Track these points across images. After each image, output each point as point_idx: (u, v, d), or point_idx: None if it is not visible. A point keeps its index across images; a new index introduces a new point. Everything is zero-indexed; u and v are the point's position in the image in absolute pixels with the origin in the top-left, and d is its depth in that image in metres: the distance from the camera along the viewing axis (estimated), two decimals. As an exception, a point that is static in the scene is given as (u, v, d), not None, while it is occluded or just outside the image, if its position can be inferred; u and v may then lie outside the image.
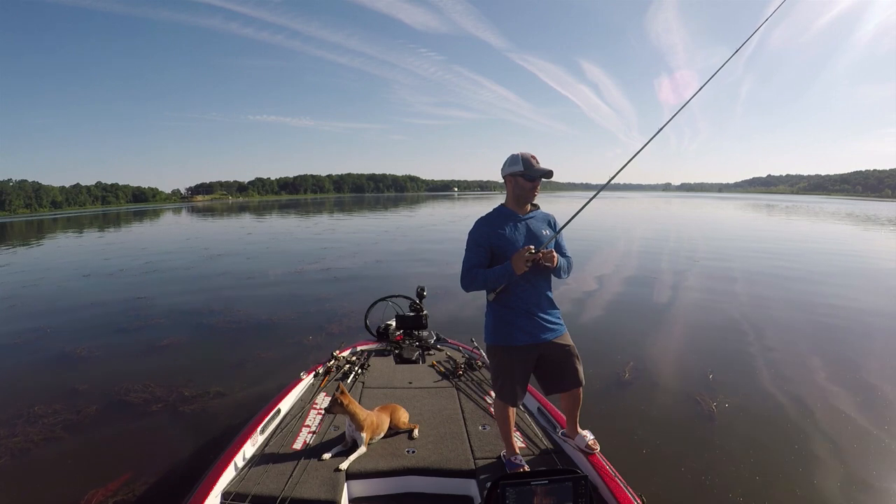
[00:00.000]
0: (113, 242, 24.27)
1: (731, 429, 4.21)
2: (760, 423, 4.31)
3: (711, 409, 4.50)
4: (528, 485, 1.94)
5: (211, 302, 9.22)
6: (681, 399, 4.82)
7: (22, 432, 4.33)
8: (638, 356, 5.89)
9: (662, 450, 3.88)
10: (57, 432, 4.32)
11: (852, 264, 13.79)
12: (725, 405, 4.60)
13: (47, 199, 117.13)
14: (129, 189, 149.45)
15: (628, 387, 5.09)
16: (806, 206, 59.76)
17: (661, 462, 3.71)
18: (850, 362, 5.76)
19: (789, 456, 3.79)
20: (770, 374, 5.38)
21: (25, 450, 4.06)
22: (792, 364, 5.74)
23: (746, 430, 4.18)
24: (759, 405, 4.66)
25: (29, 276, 13.41)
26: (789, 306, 8.63)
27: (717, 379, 5.22)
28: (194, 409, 4.71)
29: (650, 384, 5.16)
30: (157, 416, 4.60)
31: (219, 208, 77.89)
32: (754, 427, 4.25)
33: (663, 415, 4.50)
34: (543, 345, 2.57)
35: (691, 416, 4.47)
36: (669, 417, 4.45)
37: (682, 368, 5.67)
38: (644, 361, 5.76)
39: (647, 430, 4.18)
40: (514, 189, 2.59)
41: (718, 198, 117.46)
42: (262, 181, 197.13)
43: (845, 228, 27.64)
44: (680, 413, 4.55)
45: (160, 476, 3.61)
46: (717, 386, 5.05)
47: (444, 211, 46.67)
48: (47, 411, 4.68)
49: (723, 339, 6.74)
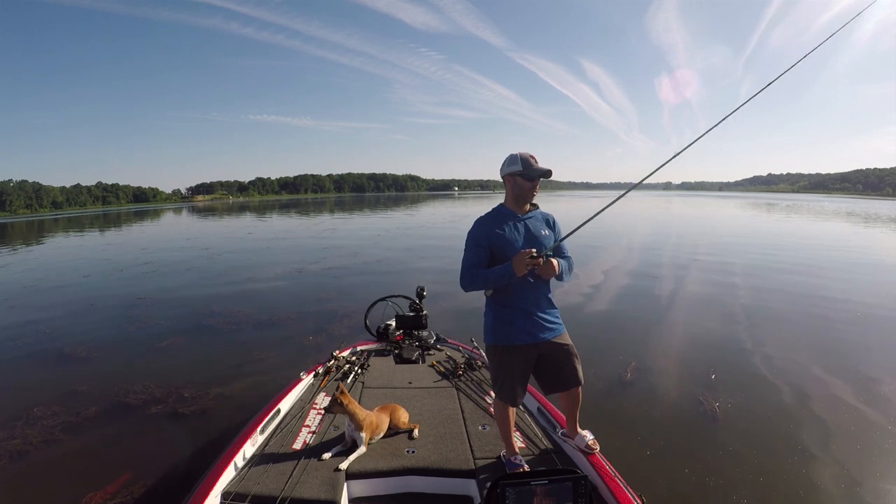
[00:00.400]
0: (113, 242, 24.34)
1: (733, 429, 4.19)
2: (763, 423, 4.29)
3: (714, 409, 4.48)
4: (527, 485, 1.93)
5: (211, 302, 9.23)
6: (683, 399, 4.80)
7: (21, 434, 4.33)
8: (640, 355, 5.88)
9: (664, 450, 3.87)
10: (56, 434, 4.32)
11: (855, 261, 13.78)
12: (728, 405, 4.58)
13: (48, 200, 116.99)
14: (130, 189, 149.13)
15: (630, 387, 5.07)
16: (807, 205, 59.71)
17: (663, 462, 3.70)
18: (855, 361, 5.74)
19: (793, 456, 3.77)
20: (773, 373, 5.36)
21: (24, 451, 4.06)
22: (796, 363, 5.72)
23: (749, 430, 4.16)
24: (763, 405, 4.65)
25: (29, 277, 13.42)
26: (793, 304, 8.63)
27: (719, 378, 5.21)
28: (194, 409, 4.72)
29: (652, 384, 5.15)
30: (157, 417, 4.61)
31: (219, 208, 77.83)
32: (757, 427, 4.23)
33: (665, 415, 4.49)
34: (542, 344, 2.57)
35: (693, 416, 4.46)
36: (672, 418, 4.44)
37: (684, 368, 5.65)
38: (646, 361, 5.74)
39: (649, 430, 4.17)
40: (514, 189, 2.59)
41: (719, 196, 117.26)
42: (262, 181, 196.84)
43: (846, 226, 27.63)
44: (682, 413, 4.54)
45: (160, 476, 3.62)
46: (720, 385, 5.04)
47: (444, 210, 46.64)
48: (46, 413, 4.68)
49: (725, 337, 6.73)
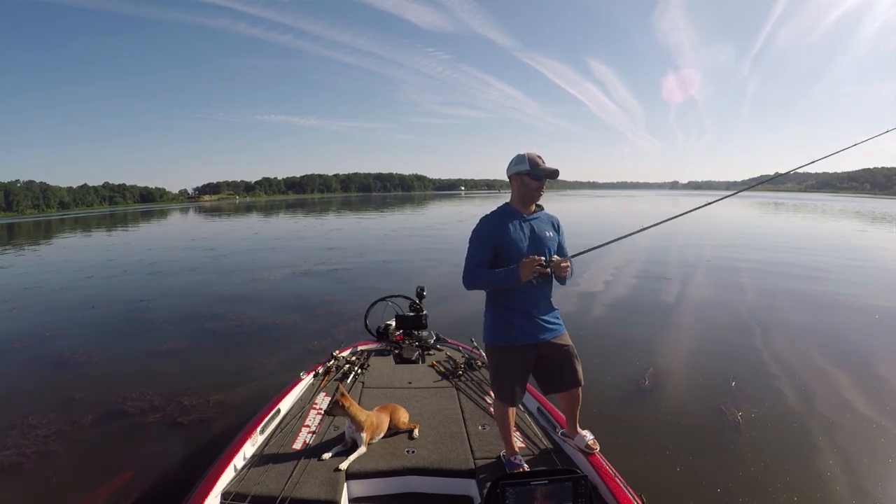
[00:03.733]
0: (118, 243, 24.43)
1: (755, 440, 3.98)
2: (785, 434, 4.09)
3: (736, 419, 4.28)
4: (527, 485, 1.92)
5: (214, 304, 9.17)
6: (702, 408, 4.58)
7: (20, 424, 4.42)
8: (656, 361, 5.65)
9: (691, 465, 3.66)
10: (55, 435, 4.30)
11: (873, 262, 13.56)
12: (752, 415, 4.36)
13: (55, 200, 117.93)
14: (137, 189, 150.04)
15: (648, 394, 4.86)
16: (814, 204, 59.10)
17: (691, 477, 3.52)
18: (883, 365, 5.51)
19: (816, 468, 3.59)
20: (794, 381, 5.13)
21: (23, 451, 4.06)
22: (819, 366, 5.50)
23: (772, 441, 3.97)
24: (784, 412, 4.45)
25: (32, 278, 13.37)
26: (811, 308, 8.36)
27: (740, 386, 4.96)
28: (194, 409, 4.70)
29: (670, 391, 4.92)
30: (157, 418, 4.59)
31: (226, 208, 77.98)
32: (779, 437, 4.02)
33: (685, 423, 4.28)
34: (542, 345, 2.56)
35: (715, 425, 4.25)
36: (690, 426, 4.24)
37: (702, 374, 5.41)
38: (662, 367, 5.52)
39: (670, 440, 3.97)
40: (520, 188, 2.58)
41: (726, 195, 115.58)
42: (268, 181, 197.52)
43: (859, 226, 27.27)
44: (703, 422, 4.33)
45: (160, 476, 3.62)
46: (741, 393, 4.80)
47: (451, 210, 46.49)
48: (46, 412, 4.68)
49: (742, 343, 6.38)
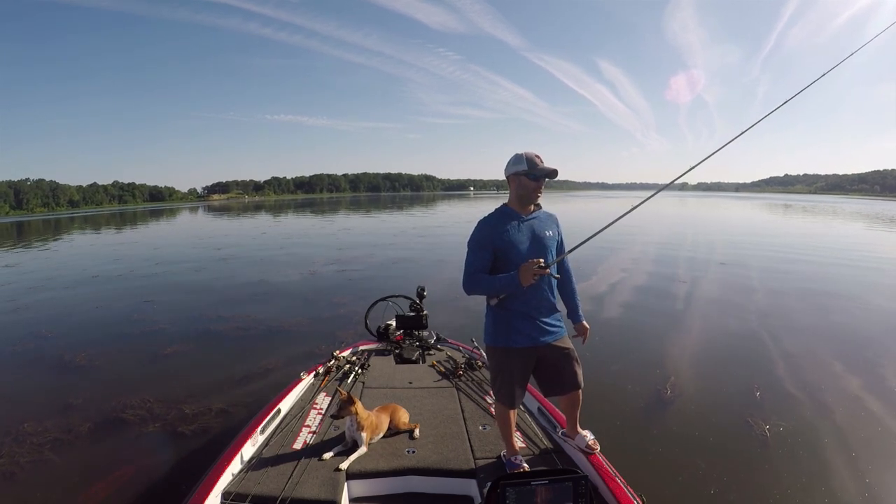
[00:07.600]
0: (126, 242, 24.51)
1: (785, 456, 3.81)
2: (813, 446, 3.94)
3: (764, 432, 4.10)
4: (528, 485, 1.92)
5: (220, 305, 9.04)
6: (727, 418, 4.40)
7: (19, 418, 4.47)
8: (677, 369, 5.49)
9: (719, 480, 3.50)
10: (55, 432, 4.32)
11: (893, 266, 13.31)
12: (780, 428, 4.17)
13: (64, 198, 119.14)
14: (146, 188, 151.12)
15: (669, 405, 4.68)
16: (824, 206, 58.44)
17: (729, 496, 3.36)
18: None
19: (839, 482, 3.46)
20: (818, 389, 4.96)
21: (21, 444, 4.09)
22: (847, 378, 5.28)
23: (797, 453, 3.84)
24: (811, 425, 4.28)
25: (38, 277, 13.26)
26: (835, 311, 8.17)
27: (764, 396, 4.78)
28: (195, 410, 4.68)
29: (692, 401, 4.75)
30: (158, 418, 4.57)
31: (235, 207, 78.21)
32: (809, 451, 3.87)
33: (710, 435, 4.12)
34: (542, 347, 2.54)
35: (742, 438, 4.08)
36: (717, 440, 4.06)
37: (723, 384, 5.18)
38: (683, 375, 5.32)
39: (685, 448, 3.86)
40: (518, 189, 2.56)
41: (736, 197, 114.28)
42: (278, 180, 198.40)
43: (873, 228, 26.96)
44: (729, 434, 4.15)
45: (160, 476, 3.63)
46: (767, 404, 4.63)
47: (460, 211, 45.80)
48: (48, 412, 4.71)
49: (763, 352, 6.14)
